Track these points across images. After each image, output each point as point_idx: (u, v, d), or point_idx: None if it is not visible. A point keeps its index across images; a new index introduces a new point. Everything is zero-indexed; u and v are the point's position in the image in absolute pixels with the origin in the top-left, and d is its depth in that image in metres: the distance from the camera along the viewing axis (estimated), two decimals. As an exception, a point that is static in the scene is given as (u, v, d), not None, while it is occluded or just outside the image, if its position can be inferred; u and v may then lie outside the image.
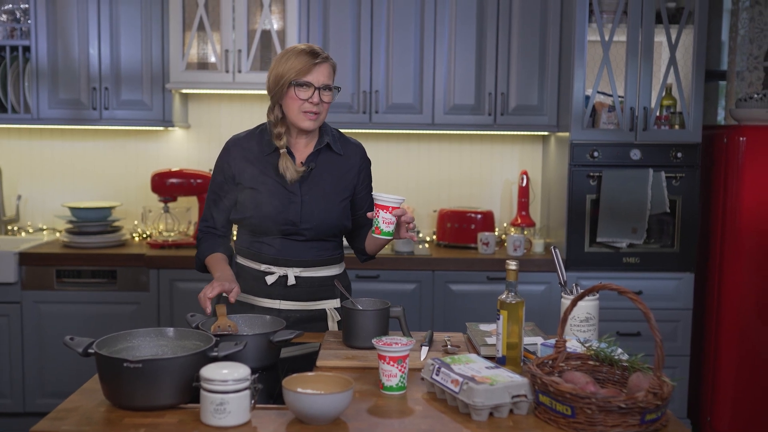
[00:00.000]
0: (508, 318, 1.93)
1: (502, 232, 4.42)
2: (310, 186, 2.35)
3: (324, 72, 2.27)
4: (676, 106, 3.94)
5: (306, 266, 2.37)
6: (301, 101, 2.26)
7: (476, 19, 4.00)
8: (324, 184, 2.36)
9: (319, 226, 2.34)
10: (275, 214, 2.31)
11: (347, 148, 2.44)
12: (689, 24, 3.85)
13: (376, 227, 2.13)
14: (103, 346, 1.76)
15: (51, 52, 3.99)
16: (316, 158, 2.37)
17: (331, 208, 2.36)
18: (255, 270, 2.39)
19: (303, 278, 2.37)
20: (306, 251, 2.36)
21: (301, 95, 2.25)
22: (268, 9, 3.92)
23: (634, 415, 1.55)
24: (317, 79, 2.26)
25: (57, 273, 3.83)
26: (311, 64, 2.24)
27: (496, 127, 4.06)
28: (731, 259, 3.82)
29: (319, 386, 1.69)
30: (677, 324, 3.89)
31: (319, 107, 2.28)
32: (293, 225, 2.32)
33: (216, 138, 4.39)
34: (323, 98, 2.28)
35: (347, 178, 2.41)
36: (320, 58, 2.26)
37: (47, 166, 4.39)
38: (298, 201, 2.33)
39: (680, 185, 3.84)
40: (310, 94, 2.25)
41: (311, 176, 2.36)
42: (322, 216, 2.34)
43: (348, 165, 2.42)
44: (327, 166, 2.38)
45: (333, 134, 2.42)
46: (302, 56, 2.25)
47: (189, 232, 4.22)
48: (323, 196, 2.35)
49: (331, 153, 2.40)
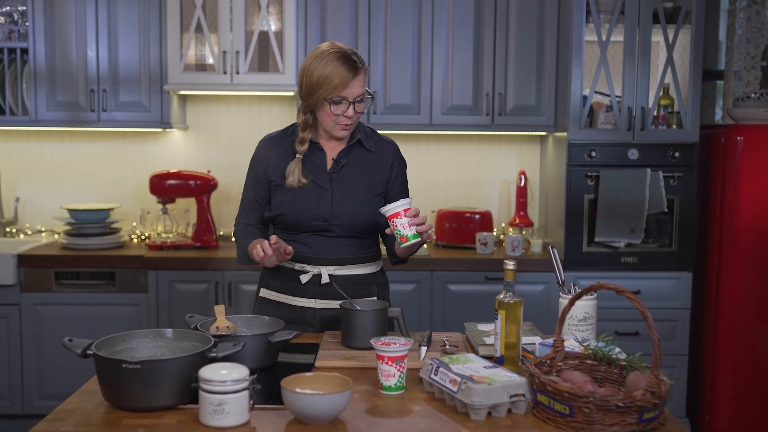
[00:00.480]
0: (507, 318, 1.93)
1: (501, 232, 4.43)
2: (341, 182, 2.34)
3: (359, 83, 2.24)
4: (673, 105, 3.95)
5: (340, 264, 2.36)
6: (336, 116, 2.25)
7: (474, 19, 4.01)
8: (355, 180, 2.36)
9: (349, 222, 2.32)
10: (306, 211, 2.31)
11: (380, 145, 2.42)
12: (686, 24, 3.86)
13: (401, 236, 2.14)
14: (102, 347, 1.77)
15: (49, 54, 3.99)
16: (347, 155, 2.37)
17: (362, 203, 2.35)
18: (289, 269, 2.39)
19: (337, 276, 2.36)
20: (339, 249, 2.35)
21: (336, 111, 2.24)
22: (265, 10, 3.92)
23: (632, 414, 1.55)
24: (352, 93, 2.23)
25: (56, 275, 3.83)
26: (348, 79, 2.20)
27: (493, 128, 4.07)
28: (729, 259, 3.83)
29: (317, 386, 1.69)
30: (675, 323, 3.89)
31: (354, 117, 2.27)
32: (324, 221, 2.32)
33: (214, 139, 4.39)
34: (357, 110, 2.26)
35: (379, 175, 2.39)
36: (356, 70, 2.22)
37: (45, 168, 4.39)
38: (329, 197, 2.32)
39: (678, 185, 3.85)
40: (345, 109, 2.24)
41: (342, 172, 2.35)
42: (352, 212, 2.33)
43: (380, 162, 2.40)
44: (358, 162, 2.37)
45: (365, 131, 2.42)
46: (338, 68, 2.20)
47: (187, 234, 4.22)
48: (354, 192, 2.34)
49: (362, 149, 2.39)
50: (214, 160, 4.40)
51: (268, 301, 2.45)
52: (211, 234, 4.07)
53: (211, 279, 3.85)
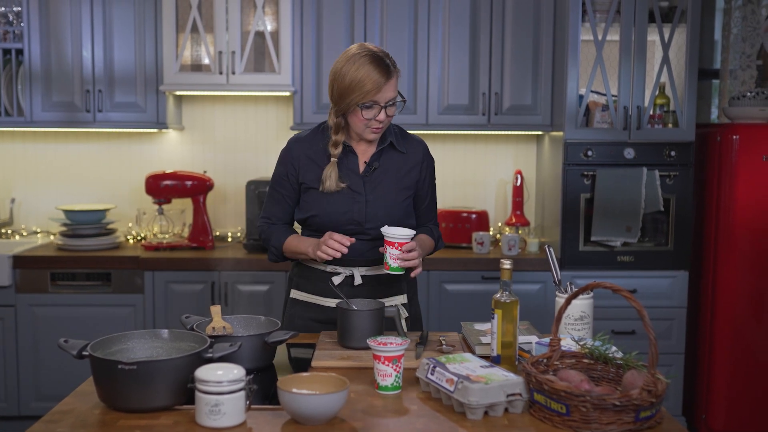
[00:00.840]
0: (503, 317, 1.93)
1: (497, 231, 4.43)
2: (374, 185, 2.33)
3: (391, 87, 2.21)
4: (669, 104, 3.95)
5: (372, 265, 2.35)
6: (368, 120, 2.23)
7: (470, 19, 4.01)
8: (388, 183, 2.34)
9: (383, 225, 2.31)
10: (340, 215, 2.30)
11: (410, 145, 2.40)
12: (682, 23, 3.86)
13: (385, 263, 2.17)
14: (98, 348, 1.76)
15: (44, 54, 3.98)
16: (379, 157, 2.35)
17: (395, 206, 2.34)
18: (320, 271, 2.37)
19: (369, 277, 2.35)
20: (371, 250, 2.34)
21: (368, 115, 2.22)
22: (261, 10, 3.92)
23: (629, 412, 1.55)
24: (385, 98, 2.21)
25: (51, 276, 3.83)
26: (381, 84, 2.18)
27: (490, 127, 4.07)
28: (725, 257, 3.83)
29: (314, 386, 1.69)
30: (672, 322, 3.90)
31: (386, 121, 2.26)
32: (358, 225, 2.31)
33: (210, 140, 4.39)
34: (389, 113, 2.24)
35: (410, 176, 2.38)
36: (389, 74, 2.20)
37: (41, 168, 4.38)
38: (363, 201, 2.31)
39: (674, 184, 3.85)
40: (377, 113, 2.22)
41: (374, 175, 2.34)
42: (385, 215, 2.32)
43: (410, 162, 2.39)
44: (390, 164, 2.36)
45: (395, 132, 2.40)
46: (371, 72, 2.17)
47: (183, 234, 4.21)
48: (386, 196, 2.33)
49: (393, 151, 2.37)
50: (210, 160, 4.39)
51: (298, 302, 2.43)
52: (207, 234, 4.07)
53: (207, 279, 3.84)
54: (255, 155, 4.40)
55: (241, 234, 4.38)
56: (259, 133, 4.40)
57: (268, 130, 4.40)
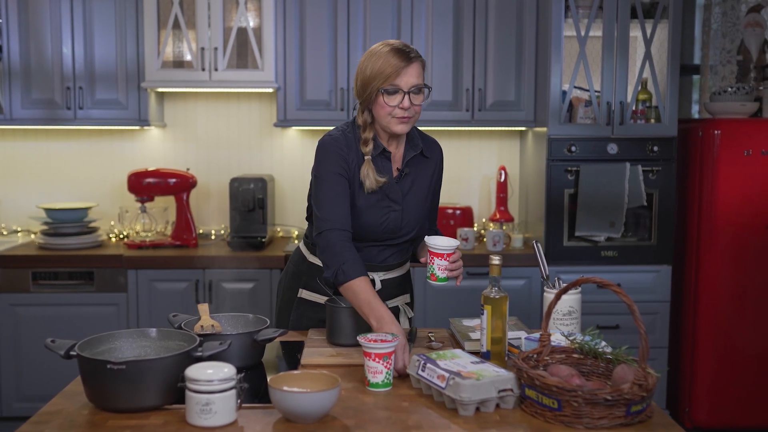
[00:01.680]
0: (492, 313, 1.93)
1: (481, 227, 4.43)
2: (405, 192, 2.28)
3: (413, 73, 2.13)
4: (651, 100, 3.98)
5: (389, 270, 2.34)
6: (392, 108, 2.14)
7: (453, 15, 4.01)
8: (418, 190, 2.31)
9: (412, 230, 2.30)
10: (376, 225, 2.24)
11: (430, 149, 2.35)
12: (664, 19, 3.89)
13: (431, 274, 2.11)
14: (86, 348, 1.74)
15: (23, 51, 3.93)
16: (410, 164, 2.29)
17: (423, 213, 2.33)
18: None
19: (386, 280, 2.33)
20: (391, 256, 2.33)
21: (391, 102, 2.14)
22: (244, 6, 3.90)
23: (620, 407, 1.56)
24: (407, 82, 2.13)
25: (33, 275, 3.78)
26: (400, 67, 2.11)
27: (473, 123, 4.07)
28: (707, 251, 3.86)
29: (305, 384, 1.68)
30: (655, 316, 3.93)
31: (412, 110, 2.16)
32: (392, 233, 2.28)
33: (193, 137, 4.36)
34: (414, 102, 2.15)
35: (433, 179, 2.36)
36: (409, 59, 2.13)
37: (21, 167, 4.33)
38: (399, 209, 2.26)
39: (657, 179, 3.88)
40: (400, 99, 2.13)
41: (405, 181, 2.27)
42: (416, 222, 2.30)
43: (432, 166, 2.36)
44: (418, 170, 2.31)
45: (418, 140, 2.32)
46: (390, 58, 2.12)
47: (167, 232, 4.18)
48: (416, 202, 2.30)
49: (420, 157, 2.32)
50: (193, 157, 4.36)
51: (308, 303, 2.38)
52: (191, 232, 4.04)
53: (192, 278, 3.82)
54: (238, 152, 4.37)
55: (224, 231, 4.36)
56: (242, 130, 4.38)
57: (251, 127, 4.37)
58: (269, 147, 4.36)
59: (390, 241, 2.29)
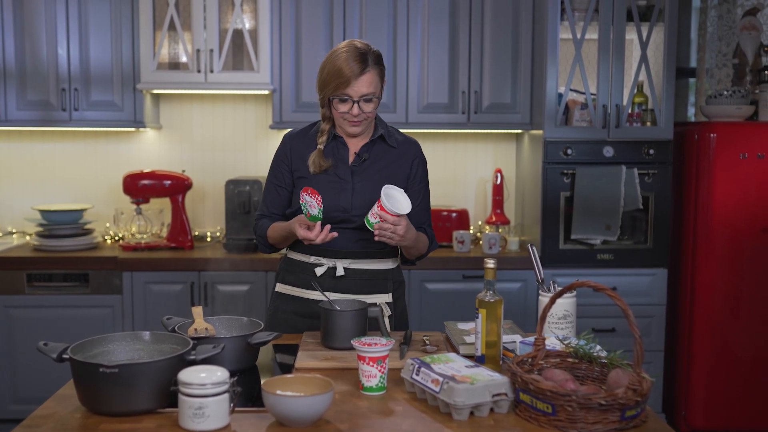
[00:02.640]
0: (487, 316, 1.92)
1: (477, 230, 4.43)
2: (362, 175, 2.37)
3: (365, 82, 2.24)
4: (647, 103, 3.98)
5: (355, 258, 2.36)
6: (342, 113, 2.29)
7: (449, 17, 4.01)
8: (376, 174, 2.37)
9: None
10: (327, 201, 2.30)
11: (402, 143, 2.44)
12: (660, 22, 3.89)
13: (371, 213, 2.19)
14: (78, 351, 1.73)
15: (18, 52, 3.92)
16: (370, 149, 2.39)
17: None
18: (304, 262, 2.39)
19: (352, 270, 2.36)
20: (355, 242, 2.36)
21: (341, 108, 2.28)
22: (239, 8, 3.89)
23: (615, 411, 1.56)
24: (357, 92, 2.24)
25: (27, 277, 3.77)
26: (351, 77, 2.22)
27: (469, 126, 4.07)
28: (704, 255, 3.86)
29: (298, 388, 1.67)
30: (651, 320, 3.92)
31: (360, 116, 2.28)
32: (344, 212, 2.33)
33: (188, 139, 4.35)
34: (364, 109, 2.27)
35: (401, 171, 2.41)
36: (362, 69, 2.23)
37: (16, 168, 4.32)
38: (350, 188, 2.34)
39: (653, 182, 3.88)
40: (349, 107, 2.27)
41: (363, 166, 2.37)
42: (373, 203, 2.32)
43: (402, 158, 2.42)
44: (380, 157, 2.40)
45: (388, 129, 2.44)
46: (345, 66, 2.22)
47: (162, 234, 4.18)
48: (374, 185, 2.34)
49: (385, 145, 2.41)
50: (188, 159, 4.36)
51: (283, 296, 2.44)
52: (186, 234, 4.03)
53: (187, 280, 3.81)
54: (234, 154, 4.37)
55: (220, 234, 4.35)
56: (237, 132, 4.37)
57: (247, 129, 4.37)
58: (265, 149, 4.35)
59: (346, 224, 2.33)
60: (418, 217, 2.45)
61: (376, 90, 2.28)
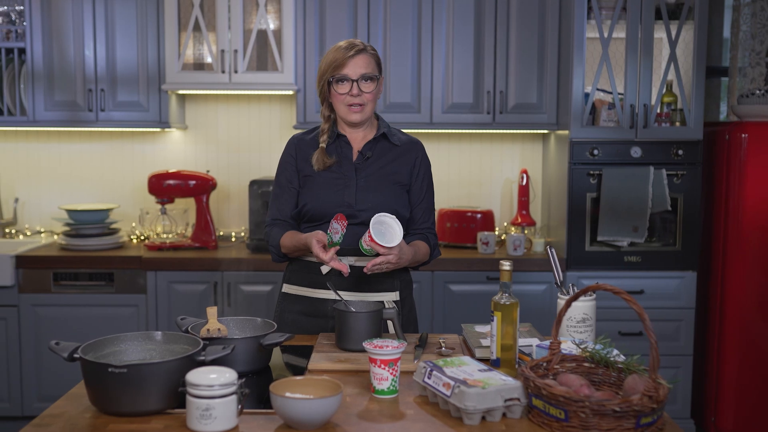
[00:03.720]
0: (503, 319, 1.89)
1: (503, 231, 4.38)
2: (366, 172, 2.39)
3: (360, 63, 2.30)
4: (676, 102, 3.90)
5: (360, 255, 2.34)
6: (343, 96, 2.31)
7: (474, 16, 3.97)
8: (380, 171, 2.39)
9: (374, 208, 2.32)
10: (331, 197, 2.34)
11: (404, 141, 2.46)
12: (689, 20, 3.81)
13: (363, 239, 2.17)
14: (90, 350, 1.73)
15: (46, 54, 3.96)
16: (373, 147, 2.41)
17: (386, 192, 2.37)
18: (310, 262, 2.38)
19: (358, 267, 2.34)
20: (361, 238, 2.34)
21: (340, 90, 2.31)
22: (263, 9, 3.89)
23: (629, 418, 1.51)
24: (354, 71, 2.30)
25: (54, 276, 3.81)
26: (345, 56, 2.29)
27: (495, 126, 4.02)
28: (734, 257, 3.78)
29: (307, 390, 1.65)
30: (680, 323, 3.85)
31: (362, 98, 2.32)
32: (349, 207, 2.33)
33: (213, 139, 4.36)
34: (363, 89, 2.31)
35: (404, 168, 2.42)
36: (354, 50, 2.30)
37: (44, 168, 4.37)
38: (353, 185, 2.36)
39: (682, 183, 3.80)
40: (349, 87, 2.31)
41: (367, 164, 2.39)
42: (377, 199, 2.35)
43: (405, 155, 2.43)
44: (383, 154, 2.42)
45: (390, 129, 2.46)
46: (338, 51, 2.31)
47: (187, 234, 4.19)
48: (379, 181, 2.38)
49: (387, 143, 2.43)
50: (213, 159, 4.37)
51: (290, 296, 2.44)
52: (210, 234, 4.04)
53: (210, 280, 3.82)
54: (258, 154, 4.37)
55: (244, 234, 4.35)
56: (262, 132, 4.38)
57: (272, 129, 4.37)
58: (290, 149, 4.34)
59: (352, 219, 2.32)
60: (422, 219, 2.44)
61: (374, 71, 2.33)
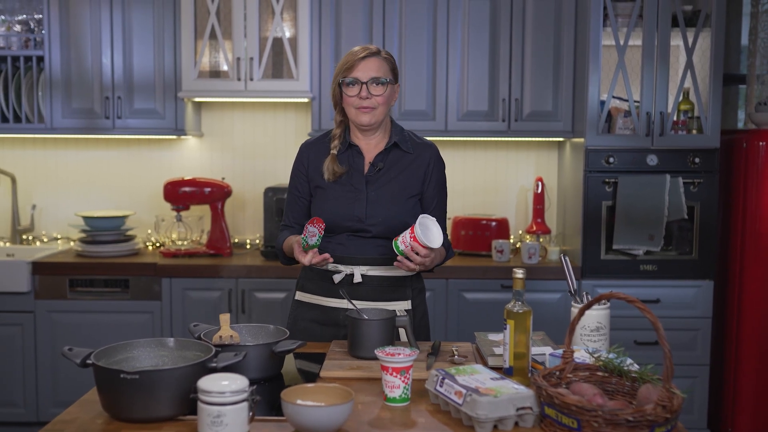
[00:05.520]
0: (516, 327, 1.88)
1: (518, 239, 4.37)
2: (376, 184, 2.37)
3: (371, 66, 2.30)
4: (693, 110, 3.87)
5: (373, 264, 2.35)
6: (352, 98, 2.31)
7: (489, 24, 3.96)
8: (391, 182, 2.37)
9: (385, 222, 2.32)
10: (341, 210, 2.33)
11: (418, 147, 2.44)
12: (706, 27, 3.79)
13: (399, 238, 2.19)
14: (102, 356, 1.74)
15: (64, 61, 4.00)
16: (385, 158, 2.39)
17: (398, 205, 2.36)
18: (323, 270, 2.39)
19: (370, 276, 2.35)
20: (373, 248, 2.35)
21: (350, 92, 2.31)
22: (279, 16, 3.91)
23: (643, 428, 1.50)
24: (364, 74, 2.30)
25: (70, 282, 3.83)
26: (356, 59, 2.29)
27: (510, 134, 4.01)
28: (752, 266, 3.74)
29: (319, 398, 1.65)
30: (697, 333, 3.81)
31: (372, 101, 2.30)
32: (359, 221, 2.33)
33: (229, 146, 4.38)
34: (373, 92, 2.30)
35: (416, 176, 2.40)
36: (366, 53, 2.30)
37: (61, 175, 4.40)
38: (364, 198, 2.34)
39: (698, 191, 3.77)
40: (358, 90, 2.30)
41: (378, 175, 2.38)
42: (388, 213, 2.34)
43: (417, 163, 2.41)
44: (396, 164, 2.40)
45: (403, 134, 2.44)
46: (351, 54, 2.32)
47: (202, 241, 4.21)
48: (390, 194, 2.36)
49: (400, 151, 2.41)
50: (229, 167, 4.38)
51: (303, 304, 2.45)
52: (225, 241, 4.05)
53: (225, 287, 3.82)
54: (273, 162, 4.38)
55: (259, 241, 4.36)
56: (277, 140, 4.39)
57: (287, 137, 4.38)
58: (305, 157, 4.35)
59: (361, 233, 2.33)
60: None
61: (386, 76, 2.32)
